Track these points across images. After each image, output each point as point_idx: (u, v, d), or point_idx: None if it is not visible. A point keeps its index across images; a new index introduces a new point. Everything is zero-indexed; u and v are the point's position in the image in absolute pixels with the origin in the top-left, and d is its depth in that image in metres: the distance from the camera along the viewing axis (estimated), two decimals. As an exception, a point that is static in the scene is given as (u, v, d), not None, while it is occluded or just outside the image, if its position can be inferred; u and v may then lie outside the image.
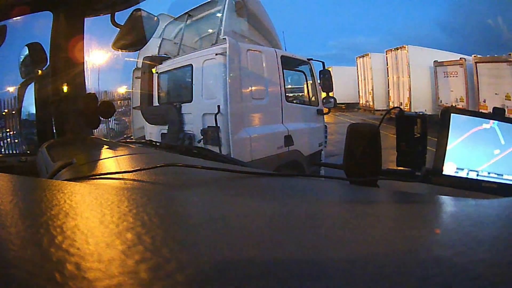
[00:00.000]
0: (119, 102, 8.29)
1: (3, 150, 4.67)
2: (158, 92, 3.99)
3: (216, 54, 3.07)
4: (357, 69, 13.70)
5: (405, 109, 9.24)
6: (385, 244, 0.21)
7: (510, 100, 7.56)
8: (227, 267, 0.18)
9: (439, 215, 0.31)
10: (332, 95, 4.09)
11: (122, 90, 8.65)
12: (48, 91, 1.39)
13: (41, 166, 1.00)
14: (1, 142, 5.02)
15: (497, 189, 0.57)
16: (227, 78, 2.95)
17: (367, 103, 13.13)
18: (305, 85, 4.20)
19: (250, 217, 0.30)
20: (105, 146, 1.06)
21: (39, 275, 0.17)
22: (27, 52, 1.50)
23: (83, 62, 1.39)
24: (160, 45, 4.24)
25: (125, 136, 7.52)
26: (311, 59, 4.06)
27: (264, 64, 3.30)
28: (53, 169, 0.75)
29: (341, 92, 12.50)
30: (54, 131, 1.42)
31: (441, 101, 9.64)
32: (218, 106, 3.01)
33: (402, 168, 0.64)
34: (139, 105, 4.12)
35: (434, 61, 9.91)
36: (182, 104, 3.52)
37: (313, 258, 0.19)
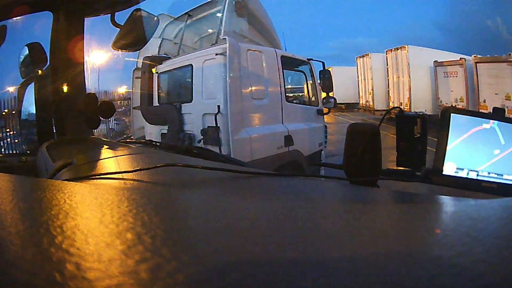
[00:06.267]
0: (119, 102, 8.27)
1: (3, 150, 4.67)
2: (158, 92, 3.99)
3: (216, 54, 3.07)
4: (357, 69, 13.71)
5: (405, 109, 9.24)
6: (385, 244, 0.21)
7: (510, 100, 7.56)
8: (227, 267, 0.18)
9: (439, 215, 0.31)
10: (332, 95, 4.09)
11: (122, 90, 8.64)
12: (48, 91, 1.40)
13: (41, 166, 1.00)
14: (1, 142, 5.02)
15: (497, 189, 0.57)
16: (227, 78, 2.95)
17: (367, 103, 13.13)
18: (305, 85, 4.20)
19: (250, 217, 0.30)
20: (105, 146, 1.06)
21: (39, 275, 0.17)
22: (27, 52, 1.50)
23: (83, 62, 1.39)
24: (160, 45, 4.24)
25: (125, 136, 7.51)
26: (311, 59, 4.06)
27: (264, 64, 3.30)
28: (53, 169, 0.75)
29: (341, 92, 12.52)
30: (54, 131, 1.42)
31: (441, 101, 9.64)
32: (218, 106, 3.01)
33: (402, 168, 0.64)
34: (139, 105, 4.11)
35: (434, 61, 9.92)
36: (182, 104, 3.52)
37: (313, 258, 0.19)
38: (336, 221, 0.29)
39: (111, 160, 0.81)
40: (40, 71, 1.46)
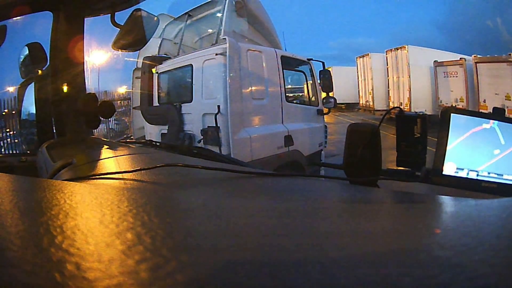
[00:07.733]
0: (119, 102, 8.27)
1: (3, 150, 4.67)
2: (158, 92, 4.00)
3: (216, 54, 3.07)
4: (357, 69, 13.69)
5: (405, 109, 9.24)
6: (385, 244, 0.21)
7: (510, 100, 7.55)
8: (227, 267, 0.18)
9: (439, 215, 0.31)
10: (332, 95, 4.10)
11: (122, 90, 8.64)
12: (48, 91, 1.40)
13: (41, 166, 1.00)
14: (1, 142, 5.02)
15: (497, 189, 0.57)
16: (227, 78, 2.95)
17: (367, 103, 13.12)
18: (305, 85, 4.21)
19: (250, 217, 0.30)
20: (105, 146, 1.07)
21: (39, 275, 0.17)
22: (27, 52, 1.50)
23: (83, 62, 1.39)
24: (160, 45, 4.24)
25: (125, 136, 7.52)
26: (311, 59, 4.06)
27: (264, 64, 3.30)
28: (53, 169, 0.75)
29: (341, 92, 12.51)
30: (54, 131, 1.42)
31: (441, 101, 9.63)
32: (218, 106, 3.01)
33: (402, 168, 0.64)
34: (139, 105, 4.12)
35: (434, 61, 9.91)
36: (182, 104, 3.53)
37: (313, 258, 0.19)
38: (336, 221, 0.29)
39: (111, 160, 0.81)
40: (40, 71, 1.46)
